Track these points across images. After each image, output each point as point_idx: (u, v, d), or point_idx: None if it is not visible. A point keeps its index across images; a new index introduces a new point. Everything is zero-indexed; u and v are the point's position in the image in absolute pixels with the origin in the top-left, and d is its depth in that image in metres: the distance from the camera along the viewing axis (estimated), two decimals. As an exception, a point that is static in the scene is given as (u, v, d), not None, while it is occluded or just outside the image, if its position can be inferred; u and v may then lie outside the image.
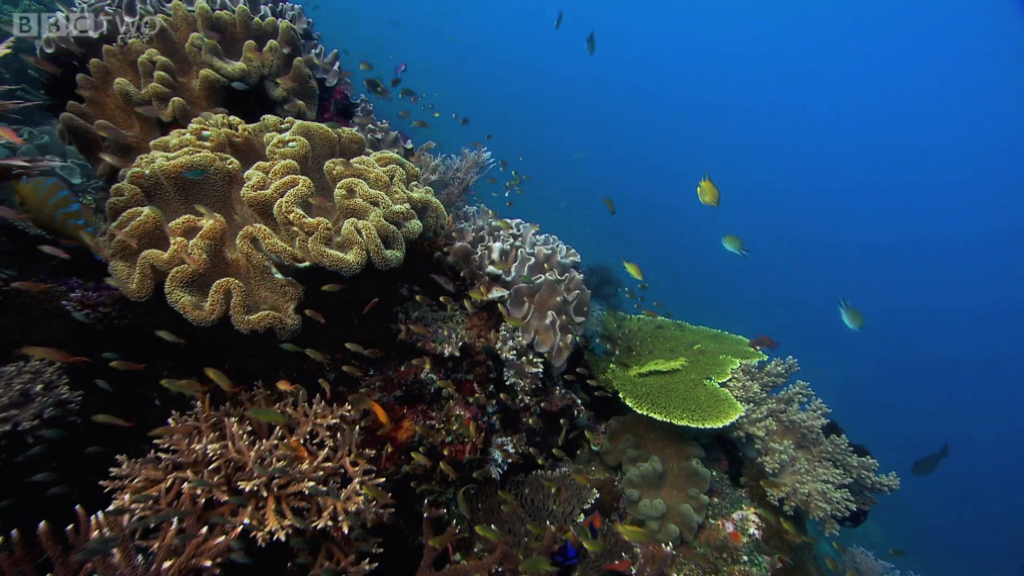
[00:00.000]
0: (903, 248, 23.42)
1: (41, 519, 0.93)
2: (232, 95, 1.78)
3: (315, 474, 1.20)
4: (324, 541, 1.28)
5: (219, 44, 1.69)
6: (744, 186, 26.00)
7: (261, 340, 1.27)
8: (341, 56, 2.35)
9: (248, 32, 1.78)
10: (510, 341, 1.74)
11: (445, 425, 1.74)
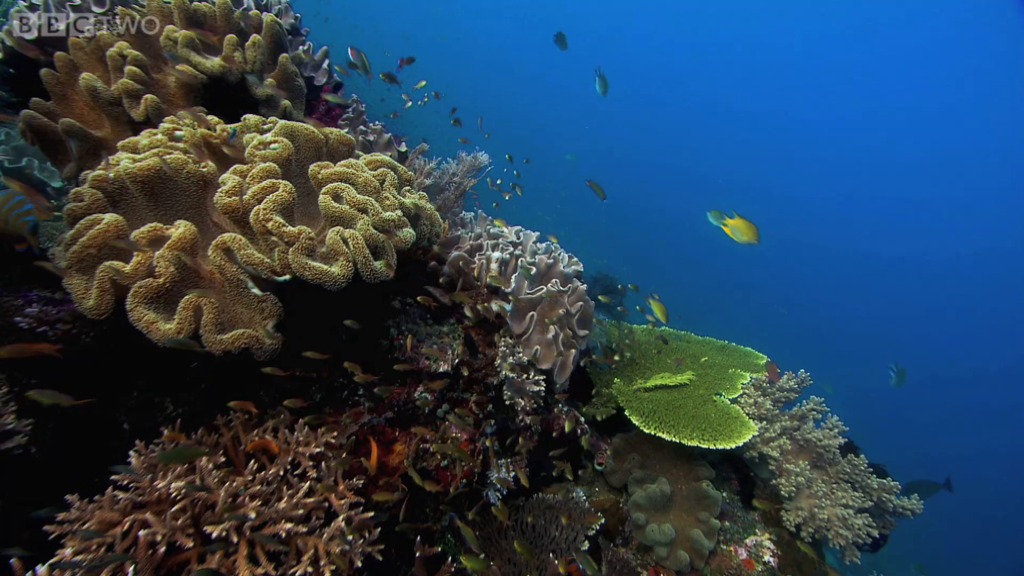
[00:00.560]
0: (911, 258, 23.37)
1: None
2: (213, 94, 1.66)
3: (294, 512, 1.08)
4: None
5: (198, 38, 1.57)
6: (749, 192, 26.06)
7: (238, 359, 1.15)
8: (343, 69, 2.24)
9: (229, 26, 1.66)
10: (510, 358, 1.62)
11: (440, 448, 1.62)
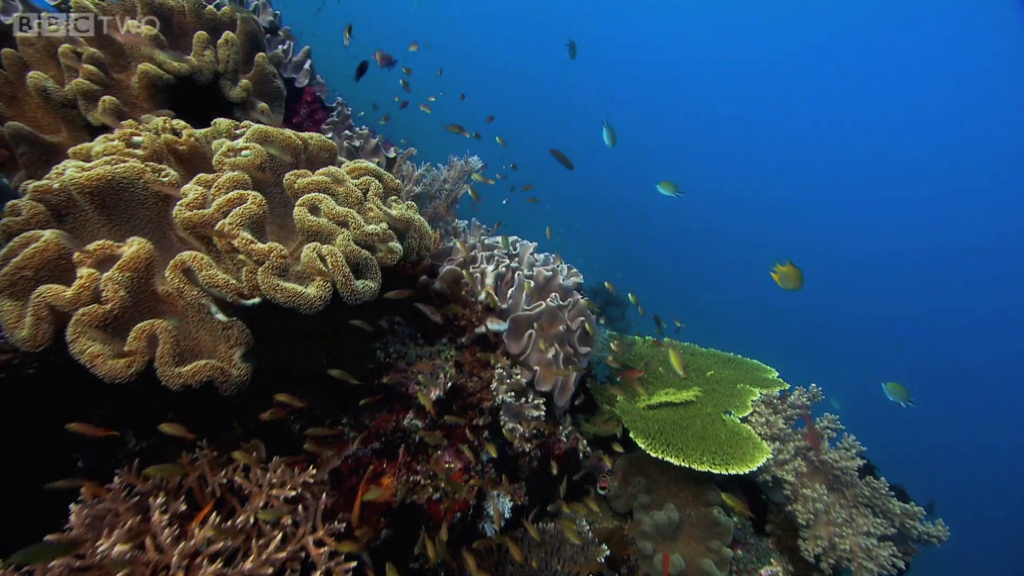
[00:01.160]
0: (910, 258, 23.39)
1: None
2: (182, 97, 1.53)
3: (263, 571, 0.94)
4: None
5: (164, 35, 1.44)
6: (745, 195, 26.10)
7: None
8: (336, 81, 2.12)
9: (200, 22, 1.53)
10: (507, 380, 1.49)
11: (432, 481, 1.48)
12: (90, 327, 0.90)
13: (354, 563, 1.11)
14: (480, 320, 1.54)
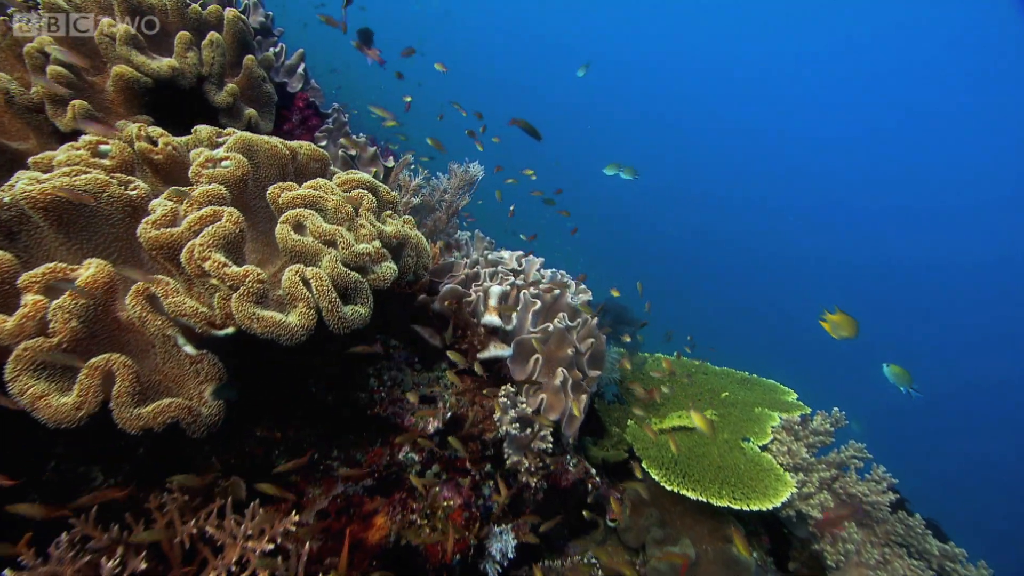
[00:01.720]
0: (916, 268, 23.14)
1: None
2: (164, 102, 1.42)
3: (232, 646, 0.81)
4: None
5: (146, 36, 1.34)
6: (753, 205, 25.96)
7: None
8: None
9: (184, 22, 1.43)
10: (511, 411, 1.37)
11: (430, 520, 1.36)
12: (33, 363, 0.78)
13: (339, 626, 0.99)
14: (483, 344, 1.42)
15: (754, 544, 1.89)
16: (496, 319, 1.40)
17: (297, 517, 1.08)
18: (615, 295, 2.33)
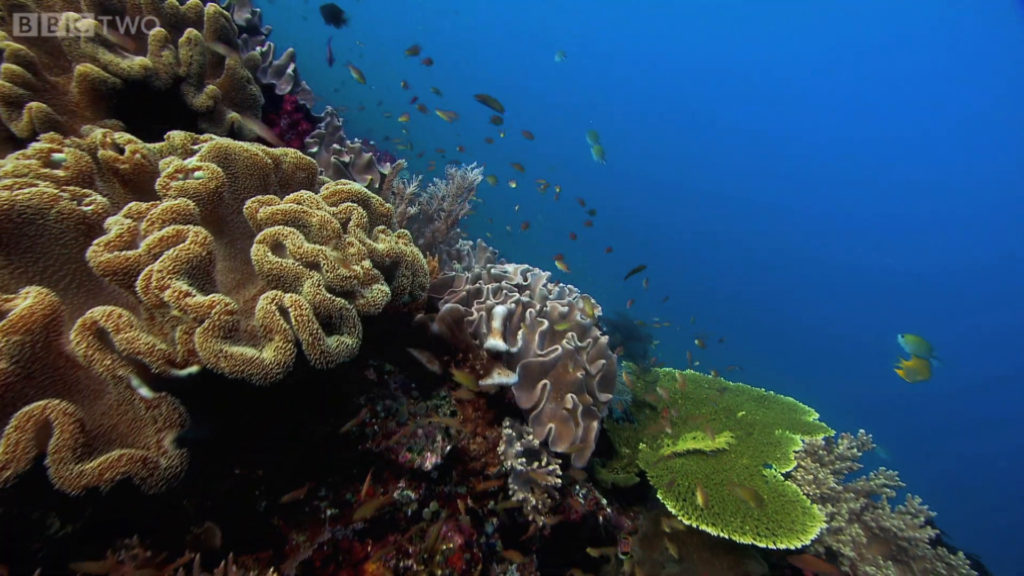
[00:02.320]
0: (916, 272, 22.97)
1: None
2: (138, 105, 1.30)
3: None
4: None
5: (113, 31, 1.22)
6: (756, 209, 25.85)
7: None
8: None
9: (160, 18, 1.31)
10: (517, 443, 1.24)
11: (427, 565, 1.23)
12: (-44, 415, 0.65)
13: None
14: (486, 370, 1.29)
15: (776, 578, 1.76)
16: (500, 343, 1.27)
17: (274, 573, 0.95)
18: (628, 306, 2.22)
